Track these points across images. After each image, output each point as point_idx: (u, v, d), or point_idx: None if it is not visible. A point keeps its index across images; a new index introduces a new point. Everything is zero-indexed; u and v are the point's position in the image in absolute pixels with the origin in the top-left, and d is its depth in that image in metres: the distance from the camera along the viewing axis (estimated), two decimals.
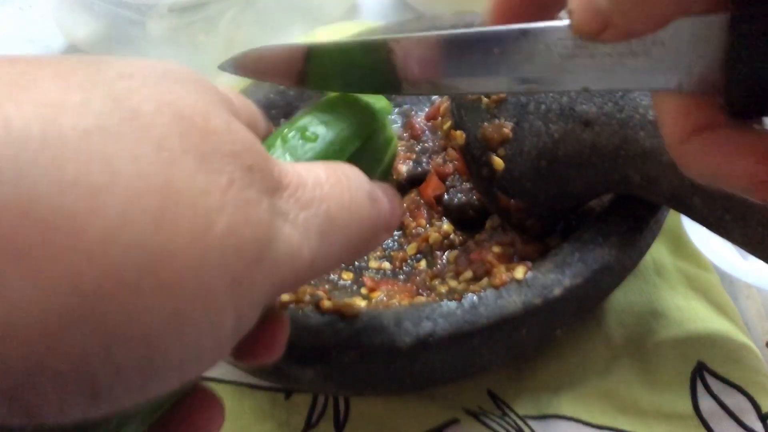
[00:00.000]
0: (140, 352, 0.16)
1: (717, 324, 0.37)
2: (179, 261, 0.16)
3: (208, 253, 0.16)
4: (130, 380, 0.16)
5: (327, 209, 0.20)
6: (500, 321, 0.30)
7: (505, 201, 0.35)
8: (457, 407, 0.35)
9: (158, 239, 0.15)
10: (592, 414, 0.35)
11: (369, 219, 0.22)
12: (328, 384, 0.32)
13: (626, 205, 0.34)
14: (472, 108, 0.34)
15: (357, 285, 0.38)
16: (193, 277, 0.16)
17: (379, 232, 0.23)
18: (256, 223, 0.18)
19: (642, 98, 0.31)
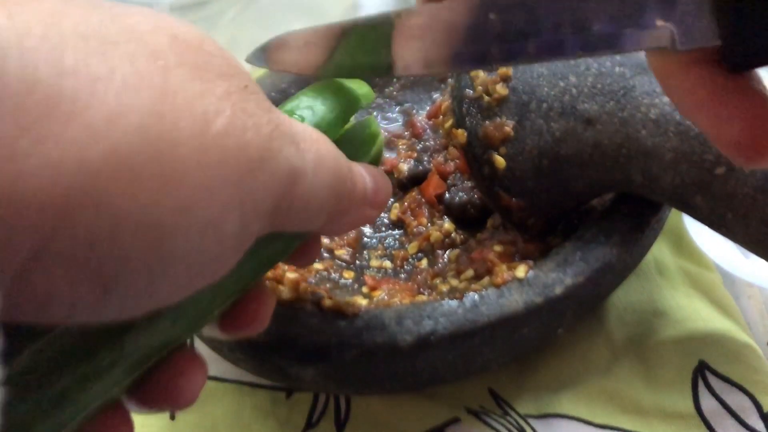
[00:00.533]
0: (145, 242, 0.16)
1: (718, 323, 0.37)
2: (181, 152, 0.16)
3: (209, 148, 0.17)
4: (137, 274, 0.16)
5: (317, 150, 0.21)
6: (501, 320, 0.30)
7: (507, 200, 0.35)
8: (458, 406, 0.35)
9: (158, 129, 0.16)
10: (593, 413, 0.35)
11: (348, 183, 0.23)
12: (329, 383, 0.32)
13: (628, 204, 0.34)
14: (473, 106, 0.34)
15: (358, 284, 0.38)
16: (195, 169, 0.16)
17: (358, 202, 0.24)
18: (256, 130, 0.18)
19: (643, 97, 0.31)
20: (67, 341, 0.18)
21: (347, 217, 0.24)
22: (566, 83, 0.33)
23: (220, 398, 0.37)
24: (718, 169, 0.30)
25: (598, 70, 0.33)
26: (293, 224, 0.21)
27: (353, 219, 0.25)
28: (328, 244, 0.40)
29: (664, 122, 0.31)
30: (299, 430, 0.35)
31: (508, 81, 0.34)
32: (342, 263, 0.39)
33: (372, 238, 0.41)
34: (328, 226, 0.23)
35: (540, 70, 0.34)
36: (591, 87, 0.32)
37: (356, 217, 0.25)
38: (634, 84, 0.32)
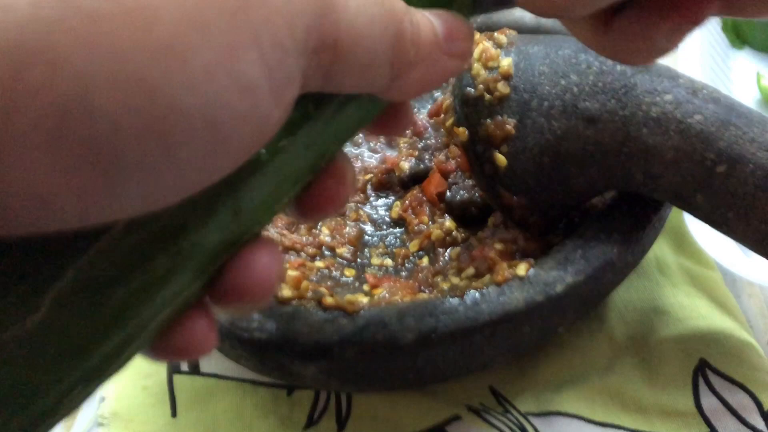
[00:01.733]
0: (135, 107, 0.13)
1: (719, 321, 0.37)
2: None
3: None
4: (139, 149, 0.13)
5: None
6: (502, 318, 0.30)
7: (508, 198, 0.35)
8: (459, 404, 0.35)
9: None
10: (594, 411, 0.35)
11: (407, 23, 0.19)
12: (331, 380, 0.32)
13: (629, 203, 0.34)
14: (475, 105, 0.34)
15: (359, 282, 0.38)
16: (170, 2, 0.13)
17: (427, 48, 0.20)
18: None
19: (645, 95, 0.31)
20: (116, 252, 0.16)
21: (418, 70, 0.20)
22: (567, 81, 0.33)
23: (221, 396, 0.37)
24: (719, 167, 0.30)
25: (599, 68, 0.33)
26: (351, 76, 0.18)
27: (428, 72, 0.20)
28: (329, 243, 0.40)
29: (665, 121, 0.31)
30: (300, 427, 0.35)
31: (509, 79, 0.34)
32: (343, 261, 0.39)
33: (373, 236, 0.41)
34: (397, 85, 0.20)
35: (541, 68, 0.34)
36: (592, 85, 0.33)
37: (431, 70, 0.21)
38: (635, 82, 0.32)
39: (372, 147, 0.46)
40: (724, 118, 0.30)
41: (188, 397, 0.37)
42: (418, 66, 0.20)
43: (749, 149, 0.29)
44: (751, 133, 0.30)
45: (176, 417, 0.36)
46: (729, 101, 0.31)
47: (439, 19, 0.21)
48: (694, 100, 0.31)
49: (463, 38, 0.21)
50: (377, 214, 0.43)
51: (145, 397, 0.37)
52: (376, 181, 0.44)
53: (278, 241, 0.39)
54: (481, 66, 0.34)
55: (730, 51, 0.55)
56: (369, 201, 0.43)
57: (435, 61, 0.21)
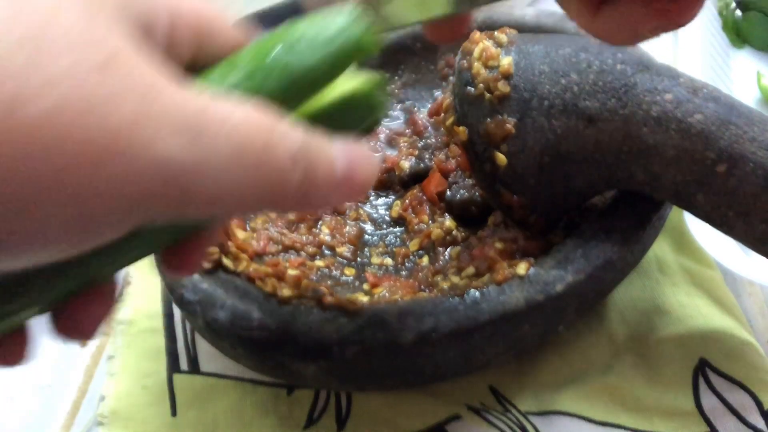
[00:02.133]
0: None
1: (719, 321, 0.37)
2: None
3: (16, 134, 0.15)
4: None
5: (234, 138, 0.19)
6: (502, 317, 0.30)
7: (508, 197, 0.35)
8: (459, 403, 0.35)
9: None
10: (594, 410, 0.35)
11: (274, 175, 0.20)
12: (331, 379, 0.32)
13: (629, 202, 0.34)
14: (475, 104, 0.34)
15: (359, 281, 0.38)
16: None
17: (285, 196, 0.20)
18: (105, 114, 0.16)
19: (645, 95, 0.31)
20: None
21: (301, 205, 0.21)
22: (568, 81, 0.33)
23: (221, 395, 0.37)
24: (720, 166, 0.30)
25: (599, 67, 0.33)
26: (200, 214, 0.19)
27: (313, 205, 0.22)
28: (329, 242, 0.40)
29: (666, 120, 0.31)
30: (300, 426, 0.35)
31: (509, 78, 0.34)
32: (343, 260, 0.39)
33: (373, 235, 0.41)
34: (274, 210, 0.22)
35: (542, 67, 0.34)
36: (592, 84, 0.32)
37: (317, 204, 0.22)
38: (636, 81, 0.32)
39: (372, 146, 0.46)
40: (724, 118, 0.30)
41: (188, 396, 0.37)
42: (304, 202, 0.21)
43: (749, 148, 0.29)
44: (751, 132, 0.30)
45: (176, 416, 0.36)
46: (729, 100, 0.31)
47: (346, 157, 0.22)
48: (694, 99, 0.31)
49: (362, 177, 0.22)
50: (377, 213, 0.43)
51: (144, 396, 0.37)
52: (377, 181, 0.43)
53: (278, 240, 0.39)
54: (482, 65, 0.34)
55: (730, 50, 0.55)
56: (369, 200, 0.43)
57: (325, 198, 0.22)
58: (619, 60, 0.33)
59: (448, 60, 0.48)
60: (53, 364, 0.40)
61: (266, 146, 0.19)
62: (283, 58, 0.23)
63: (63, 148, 0.16)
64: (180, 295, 0.33)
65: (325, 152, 0.21)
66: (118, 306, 0.42)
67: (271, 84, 0.23)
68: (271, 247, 0.38)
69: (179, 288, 0.33)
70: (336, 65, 0.24)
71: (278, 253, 0.38)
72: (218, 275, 0.33)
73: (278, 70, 0.23)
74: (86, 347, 0.41)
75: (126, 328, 0.41)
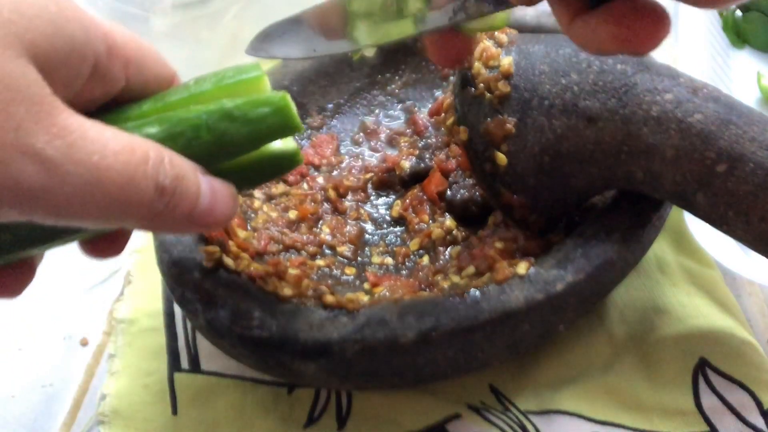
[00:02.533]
0: None
1: (719, 320, 0.37)
2: None
3: None
4: None
5: (94, 169, 0.22)
6: (502, 316, 0.30)
7: (508, 197, 0.35)
8: (459, 402, 0.36)
9: None
10: (593, 409, 0.35)
11: (134, 204, 0.23)
12: (331, 378, 0.32)
13: (629, 202, 0.34)
14: (475, 104, 0.35)
15: (360, 280, 0.38)
16: None
17: (142, 216, 0.24)
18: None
19: (645, 94, 0.32)
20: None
21: (158, 228, 0.25)
22: (568, 80, 0.33)
23: (221, 394, 0.37)
24: (719, 166, 0.30)
25: (599, 67, 0.33)
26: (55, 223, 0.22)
27: (170, 229, 0.26)
28: (330, 241, 0.40)
29: (666, 120, 0.31)
30: (301, 425, 0.35)
31: (510, 78, 0.34)
32: (344, 260, 0.39)
33: (374, 234, 0.41)
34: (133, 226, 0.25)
35: (542, 67, 0.34)
36: (592, 84, 0.33)
37: (174, 229, 0.26)
38: (636, 81, 0.32)
39: (372, 146, 0.46)
40: (724, 117, 0.30)
41: (189, 395, 0.37)
42: (164, 229, 0.25)
43: (749, 148, 0.29)
44: (751, 132, 0.30)
45: (177, 415, 0.37)
46: (729, 100, 0.31)
47: (208, 191, 0.26)
48: (694, 99, 0.31)
49: (218, 216, 0.26)
50: (378, 212, 0.43)
51: (145, 395, 0.37)
52: (377, 180, 0.44)
53: (279, 239, 0.39)
54: (482, 65, 0.35)
55: (730, 50, 0.55)
56: (369, 200, 0.43)
57: (176, 226, 0.25)
58: (619, 60, 0.33)
59: None
60: (55, 363, 0.41)
61: (132, 179, 0.23)
62: (213, 124, 0.26)
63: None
64: (181, 294, 0.33)
65: (192, 190, 0.25)
66: (119, 304, 0.42)
67: (188, 141, 0.26)
68: (271, 247, 0.38)
69: (180, 287, 0.33)
70: (259, 142, 0.27)
71: (279, 252, 0.38)
72: (219, 274, 0.33)
73: (204, 132, 0.26)
74: (87, 346, 0.41)
75: (127, 327, 0.41)
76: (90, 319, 0.43)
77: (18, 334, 0.42)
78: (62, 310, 0.43)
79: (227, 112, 0.26)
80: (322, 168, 0.44)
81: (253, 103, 0.26)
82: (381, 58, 0.48)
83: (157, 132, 0.25)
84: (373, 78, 0.48)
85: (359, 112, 0.48)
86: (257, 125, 0.26)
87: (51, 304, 0.43)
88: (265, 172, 0.30)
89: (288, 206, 0.41)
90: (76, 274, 0.45)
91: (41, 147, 0.21)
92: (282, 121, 0.27)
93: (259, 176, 0.30)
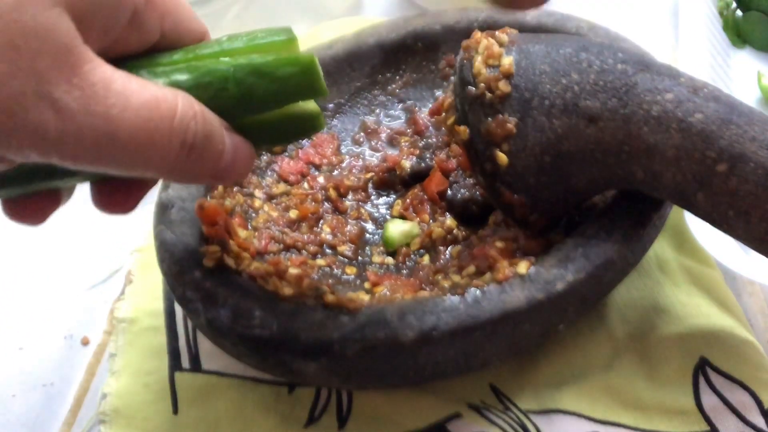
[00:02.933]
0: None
1: (719, 320, 0.37)
2: None
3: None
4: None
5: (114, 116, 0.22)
6: (503, 316, 0.30)
7: (509, 196, 0.35)
8: (459, 401, 0.36)
9: None
10: (594, 409, 0.35)
11: (154, 153, 0.23)
12: (332, 378, 0.32)
13: (630, 201, 0.34)
14: (476, 103, 0.35)
15: (360, 279, 0.38)
16: None
17: (163, 169, 0.24)
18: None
19: (645, 94, 0.32)
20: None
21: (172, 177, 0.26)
22: (569, 80, 0.33)
23: (222, 393, 0.37)
24: (720, 166, 0.30)
25: (600, 67, 0.33)
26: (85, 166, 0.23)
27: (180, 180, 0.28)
28: (331, 241, 0.40)
29: (666, 119, 0.31)
30: (301, 424, 0.36)
31: (510, 78, 0.34)
32: (344, 259, 0.39)
33: (374, 234, 0.41)
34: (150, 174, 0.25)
35: (542, 67, 0.34)
36: (593, 84, 0.33)
37: (186, 180, 0.28)
38: (636, 81, 0.32)
39: (373, 146, 0.46)
40: (725, 117, 0.30)
41: (189, 394, 0.37)
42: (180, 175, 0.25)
43: (750, 148, 0.29)
44: (752, 131, 0.30)
45: (177, 414, 0.37)
46: (730, 100, 0.31)
47: (231, 148, 0.26)
48: (694, 98, 0.31)
49: (237, 172, 0.27)
50: (378, 212, 0.43)
51: (146, 395, 0.37)
52: (378, 180, 0.44)
53: (280, 239, 0.39)
54: (483, 64, 0.35)
55: (730, 50, 0.55)
56: (370, 199, 0.43)
57: (198, 177, 0.26)
58: (619, 59, 0.33)
59: (449, 59, 0.48)
60: (55, 362, 0.41)
61: (152, 135, 0.23)
62: (241, 78, 0.26)
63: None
64: (182, 293, 0.33)
65: (218, 148, 0.26)
66: (120, 304, 0.42)
67: (214, 93, 0.26)
68: (272, 246, 0.38)
69: (181, 286, 0.33)
70: (284, 101, 0.27)
71: (280, 251, 0.38)
72: (220, 274, 0.33)
73: (231, 85, 0.26)
74: (88, 345, 0.41)
75: (128, 326, 0.41)
76: (91, 318, 0.43)
77: (19, 332, 0.42)
78: (63, 309, 0.43)
79: (256, 67, 0.26)
80: (322, 167, 0.44)
81: (282, 62, 0.26)
82: (382, 58, 0.48)
83: (185, 80, 0.26)
84: (374, 78, 0.48)
85: (360, 112, 0.48)
86: (284, 83, 0.27)
87: (52, 303, 0.43)
88: (287, 131, 0.29)
89: (289, 206, 0.41)
90: (77, 274, 0.45)
91: (59, 96, 0.21)
92: (308, 82, 0.27)
93: (280, 135, 0.30)
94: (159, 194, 0.38)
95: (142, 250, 0.45)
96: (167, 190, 0.38)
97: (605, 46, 0.35)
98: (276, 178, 0.43)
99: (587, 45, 0.34)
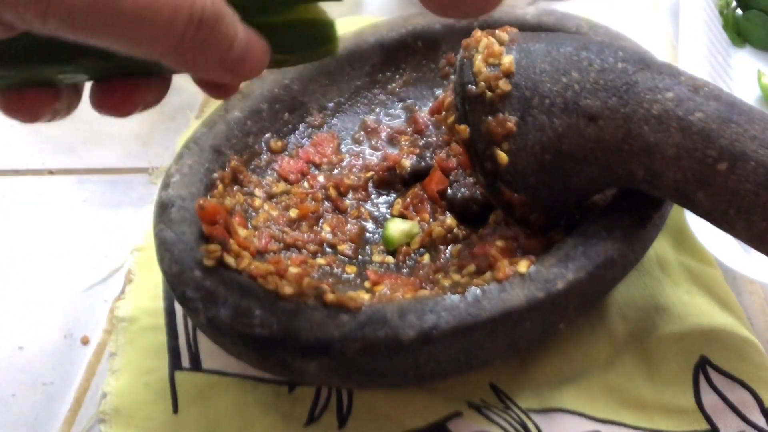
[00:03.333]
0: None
1: (720, 319, 0.37)
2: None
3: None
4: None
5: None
6: (503, 314, 0.30)
7: (509, 195, 0.35)
8: (459, 400, 0.36)
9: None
10: (594, 408, 0.35)
11: (158, 22, 0.21)
12: (332, 377, 0.32)
13: (630, 200, 0.34)
14: (476, 102, 0.35)
15: (360, 278, 0.38)
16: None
17: (168, 44, 0.22)
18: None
19: (646, 93, 0.32)
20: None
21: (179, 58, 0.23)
22: (569, 79, 0.33)
23: (222, 392, 0.37)
24: (720, 165, 0.30)
25: (600, 65, 0.33)
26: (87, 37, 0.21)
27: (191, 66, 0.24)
28: (331, 240, 0.40)
29: (667, 118, 0.31)
30: (302, 423, 0.36)
31: (510, 77, 0.34)
32: (344, 258, 0.39)
33: (374, 233, 0.41)
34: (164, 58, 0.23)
35: (543, 66, 0.34)
36: (593, 83, 0.33)
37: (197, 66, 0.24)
38: (637, 80, 0.32)
39: (373, 145, 0.46)
40: (725, 116, 0.30)
41: (189, 393, 0.37)
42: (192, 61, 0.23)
43: (750, 146, 0.29)
44: (752, 130, 0.30)
45: (177, 413, 0.37)
46: (730, 99, 0.31)
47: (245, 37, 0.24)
48: (695, 97, 0.31)
49: (249, 67, 0.25)
50: (378, 211, 0.43)
51: (146, 394, 0.37)
52: (378, 179, 0.44)
53: (280, 238, 0.39)
54: (483, 63, 0.35)
55: (731, 49, 0.55)
56: (370, 198, 0.43)
57: (210, 71, 0.24)
58: (620, 58, 0.33)
59: (449, 58, 0.48)
60: (55, 361, 0.41)
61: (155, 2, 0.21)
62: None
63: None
64: (182, 293, 0.33)
65: (230, 33, 0.24)
66: (120, 303, 0.42)
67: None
68: (272, 245, 0.38)
69: (181, 285, 0.33)
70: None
71: (280, 251, 0.38)
72: (220, 273, 0.33)
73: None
74: (88, 344, 0.41)
75: (128, 325, 0.41)
76: (91, 317, 0.43)
77: (18, 332, 0.42)
78: (63, 309, 0.43)
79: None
80: (322, 166, 0.44)
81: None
82: (382, 57, 0.48)
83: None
84: (374, 77, 0.48)
85: (360, 111, 0.48)
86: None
87: (52, 303, 0.44)
88: (298, 37, 0.28)
89: (289, 205, 0.41)
90: (77, 273, 0.45)
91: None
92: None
93: (291, 41, 0.28)
94: (159, 193, 0.38)
95: (142, 249, 0.45)
96: (167, 189, 0.38)
97: (605, 44, 0.34)
98: (276, 177, 0.43)
99: (587, 44, 0.34)
